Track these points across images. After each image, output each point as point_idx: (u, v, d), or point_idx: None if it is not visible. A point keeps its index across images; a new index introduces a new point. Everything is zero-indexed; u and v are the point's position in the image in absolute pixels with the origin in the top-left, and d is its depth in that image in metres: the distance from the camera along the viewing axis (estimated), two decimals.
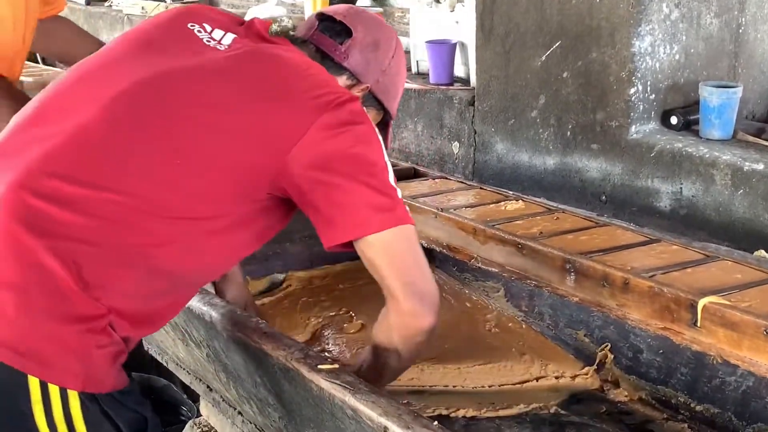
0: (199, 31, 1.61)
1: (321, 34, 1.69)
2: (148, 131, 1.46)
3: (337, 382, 1.50)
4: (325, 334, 2.43)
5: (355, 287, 2.71)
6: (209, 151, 1.46)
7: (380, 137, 1.54)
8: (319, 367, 1.55)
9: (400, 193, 1.53)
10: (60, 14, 2.58)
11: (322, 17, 1.72)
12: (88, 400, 1.38)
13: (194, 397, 2.61)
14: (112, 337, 1.43)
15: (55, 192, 1.39)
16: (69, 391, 1.36)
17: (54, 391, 1.35)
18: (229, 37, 1.61)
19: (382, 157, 1.52)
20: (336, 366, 1.55)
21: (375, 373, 1.65)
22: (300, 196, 1.52)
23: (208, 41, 1.59)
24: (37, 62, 4.19)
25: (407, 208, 1.53)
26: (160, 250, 1.45)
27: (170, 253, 1.46)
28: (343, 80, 1.67)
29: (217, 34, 1.61)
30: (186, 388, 2.59)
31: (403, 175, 2.52)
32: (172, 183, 1.44)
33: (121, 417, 1.44)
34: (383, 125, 1.78)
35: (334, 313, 2.53)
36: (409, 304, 1.53)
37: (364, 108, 1.60)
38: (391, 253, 1.52)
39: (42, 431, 1.36)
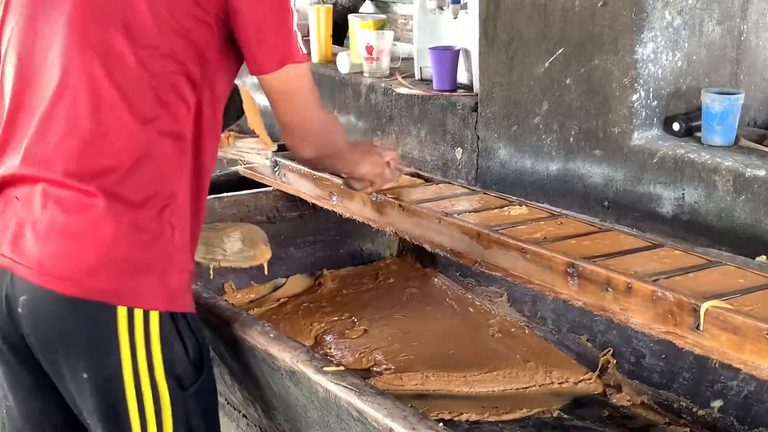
0: None
1: None
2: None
3: (343, 384, 1.51)
4: (327, 339, 2.44)
5: (357, 292, 2.72)
6: None
7: None
8: (325, 369, 1.56)
9: (298, 35, 1.63)
10: None
11: None
12: (167, 317, 1.52)
13: None
14: (182, 258, 1.57)
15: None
16: (151, 312, 1.50)
17: (138, 314, 1.50)
18: None
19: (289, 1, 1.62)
20: (342, 368, 1.56)
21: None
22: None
23: None
24: None
25: (301, 45, 1.64)
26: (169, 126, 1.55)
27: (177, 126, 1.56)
28: None
29: None
30: None
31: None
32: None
33: (188, 338, 1.56)
34: None
35: (336, 318, 2.55)
36: (289, 140, 1.76)
37: None
38: (282, 92, 1.67)
39: (123, 346, 1.49)
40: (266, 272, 2.34)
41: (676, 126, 2.48)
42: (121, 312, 1.49)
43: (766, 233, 2.20)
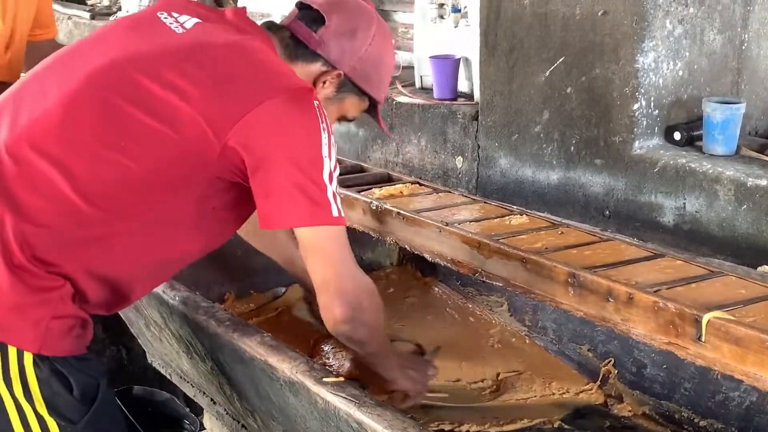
0: (165, 18, 1.68)
1: (298, 21, 1.75)
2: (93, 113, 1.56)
3: (343, 395, 1.50)
4: (326, 349, 2.43)
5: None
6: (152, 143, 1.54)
7: (324, 134, 1.57)
8: (325, 379, 1.56)
9: (332, 190, 1.57)
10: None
11: (301, 6, 1.78)
12: (40, 360, 1.55)
13: (198, 411, 2.61)
14: (70, 308, 1.58)
15: (27, 162, 1.53)
16: (25, 352, 1.53)
17: (12, 352, 1.53)
18: (192, 21, 1.67)
19: (320, 151, 1.56)
20: (341, 379, 1.55)
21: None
22: (243, 174, 1.58)
23: (171, 24, 1.66)
24: None
25: (338, 206, 1.58)
26: (107, 240, 1.57)
27: (119, 245, 1.58)
28: (317, 66, 1.73)
29: (183, 18, 1.68)
30: (190, 402, 2.59)
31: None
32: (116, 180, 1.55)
33: (73, 376, 1.58)
34: (372, 110, 1.86)
35: None
36: (322, 299, 1.65)
37: (343, 94, 1.75)
38: (312, 249, 1.62)
39: (0, 387, 1.54)
40: None
41: (677, 135, 2.47)
42: None
43: (767, 243, 2.19)
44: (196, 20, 1.68)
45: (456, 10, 3.10)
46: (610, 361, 2.19)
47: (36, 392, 1.55)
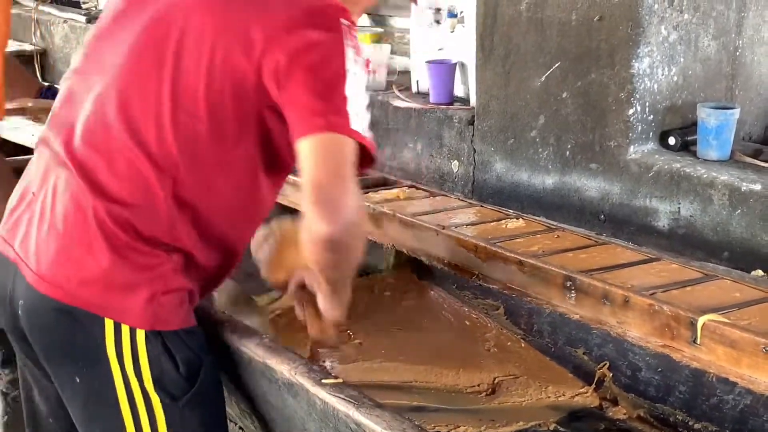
0: None
1: None
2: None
3: (342, 396, 1.51)
4: (322, 352, 2.43)
5: (353, 305, 2.70)
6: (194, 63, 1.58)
7: (349, 51, 1.56)
8: (324, 381, 1.57)
9: (349, 107, 1.54)
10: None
11: None
12: (153, 336, 1.59)
13: None
14: (180, 281, 1.63)
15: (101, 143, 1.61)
16: (137, 329, 1.58)
17: (125, 329, 1.58)
18: None
19: (343, 66, 1.55)
20: (340, 380, 1.56)
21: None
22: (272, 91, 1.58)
23: None
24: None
25: (350, 122, 1.54)
26: (191, 189, 1.60)
27: (202, 189, 1.61)
28: None
29: None
30: None
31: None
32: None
33: (180, 353, 1.62)
34: None
35: None
36: (311, 208, 1.53)
37: None
38: (315, 157, 1.53)
39: (112, 361, 1.58)
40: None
41: (671, 140, 2.49)
42: (108, 324, 1.57)
43: (761, 247, 2.21)
44: None
45: (452, 15, 3.11)
46: (606, 364, 2.21)
47: (146, 368, 1.59)
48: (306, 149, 1.53)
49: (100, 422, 1.64)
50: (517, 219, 2.20)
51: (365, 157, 1.60)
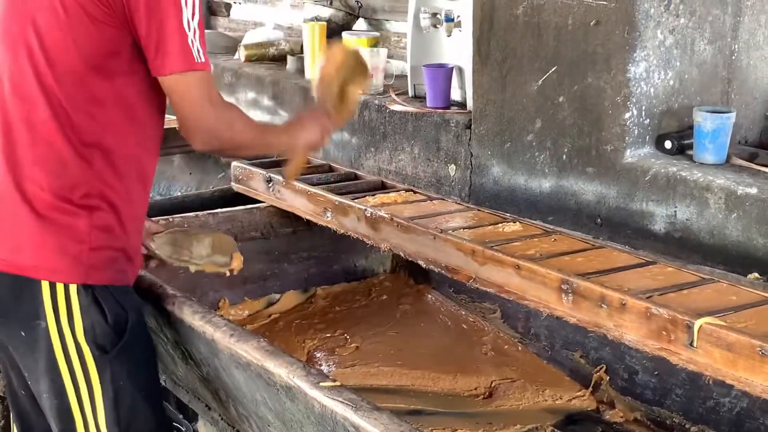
0: None
1: None
2: None
3: (340, 399, 1.52)
4: (319, 356, 2.44)
5: (350, 309, 2.73)
6: None
7: None
8: (322, 384, 1.57)
9: (191, 38, 1.68)
10: None
11: None
12: (83, 289, 1.74)
13: (192, 417, 2.62)
14: (106, 239, 1.75)
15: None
16: (70, 285, 1.72)
17: (60, 287, 1.72)
18: None
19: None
20: (338, 383, 1.57)
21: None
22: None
23: None
24: None
25: (199, 52, 1.69)
26: (88, 128, 1.72)
27: (98, 126, 1.73)
28: None
29: None
30: (183, 407, 2.59)
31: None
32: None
33: (108, 306, 1.76)
34: None
35: (328, 335, 2.55)
36: (182, 132, 1.78)
37: None
38: (174, 94, 1.73)
39: (49, 317, 1.72)
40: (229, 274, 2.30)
41: (668, 144, 2.50)
42: (45, 285, 1.72)
43: (757, 250, 2.22)
44: None
45: (449, 19, 3.11)
46: (602, 367, 2.22)
47: (78, 320, 1.73)
48: (167, 84, 1.73)
49: (44, 380, 1.76)
50: (514, 222, 2.20)
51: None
